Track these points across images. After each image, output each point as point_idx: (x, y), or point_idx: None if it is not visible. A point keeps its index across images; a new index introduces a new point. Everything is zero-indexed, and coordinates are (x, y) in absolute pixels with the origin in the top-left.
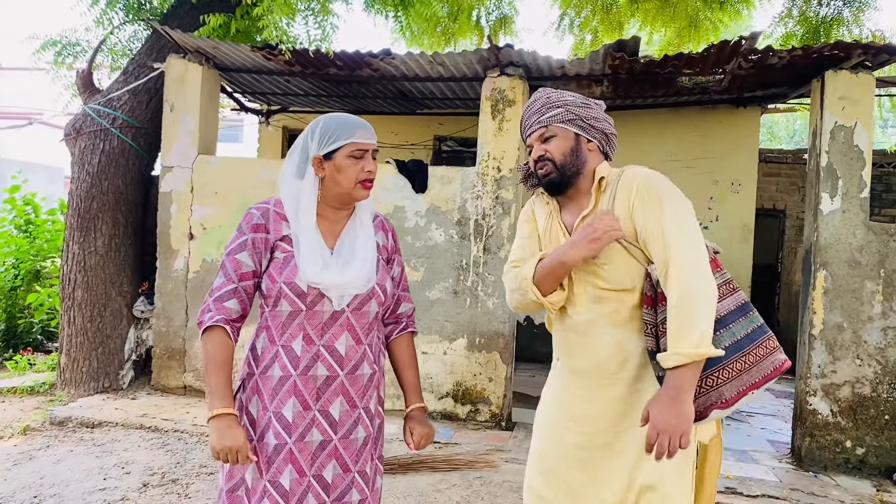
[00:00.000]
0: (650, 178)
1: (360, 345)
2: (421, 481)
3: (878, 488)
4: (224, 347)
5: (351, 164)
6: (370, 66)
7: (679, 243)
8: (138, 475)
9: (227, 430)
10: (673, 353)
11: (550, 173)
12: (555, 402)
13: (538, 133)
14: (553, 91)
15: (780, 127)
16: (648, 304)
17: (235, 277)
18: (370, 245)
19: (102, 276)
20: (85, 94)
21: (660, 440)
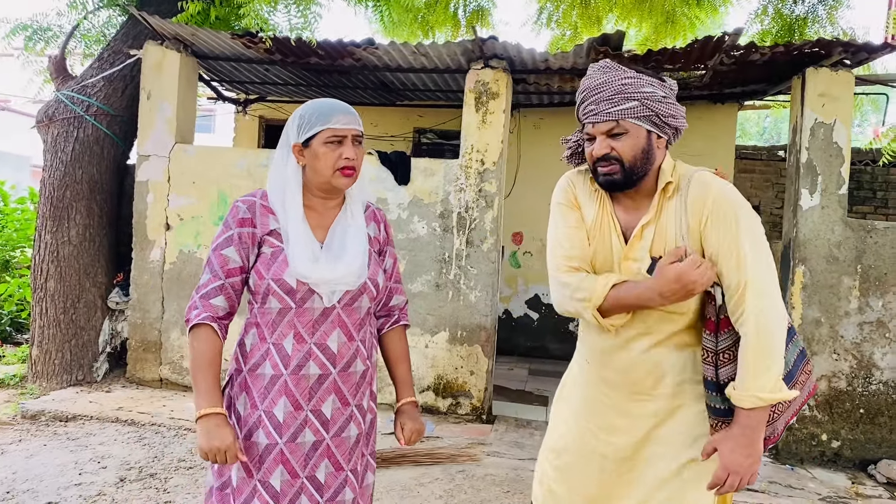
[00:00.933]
0: (726, 192)
1: (352, 341)
2: (403, 475)
3: (853, 481)
4: (211, 346)
5: (328, 151)
6: (352, 55)
7: (756, 266)
8: (115, 470)
9: (216, 430)
10: (751, 394)
11: (615, 174)
12: (584, 403)
13: (606, 127)
14: (627, 74)
15: (750, 124)
16: (710, 329)
17: (222, 274)
18: (361, 238)
19: (76, 267)
20: (58, 81)
21: (730, 480)
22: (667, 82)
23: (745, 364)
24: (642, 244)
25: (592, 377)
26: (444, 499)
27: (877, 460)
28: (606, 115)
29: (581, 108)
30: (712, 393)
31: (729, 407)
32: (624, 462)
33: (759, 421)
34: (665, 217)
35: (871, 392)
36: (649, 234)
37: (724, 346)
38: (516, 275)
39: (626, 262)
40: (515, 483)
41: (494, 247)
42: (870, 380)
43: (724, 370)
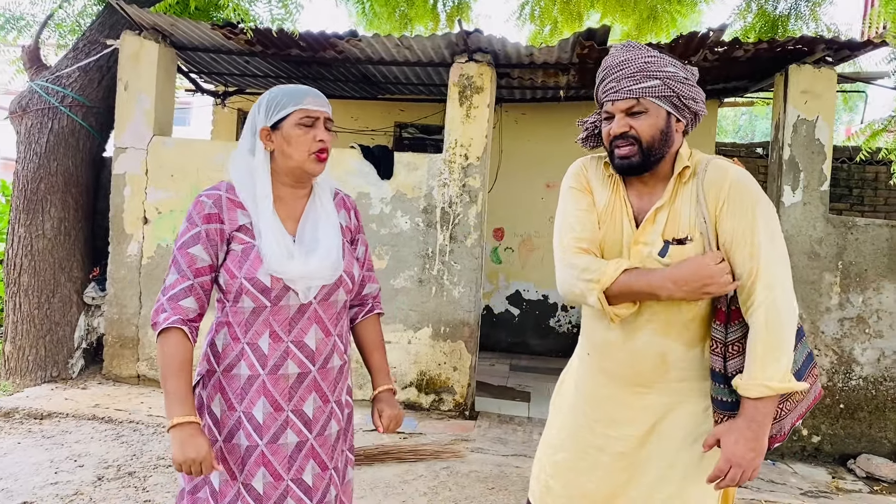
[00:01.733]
0: (744, 180)
1: (329, 337)
2: (387, 472)
3: (833, 475)
4: (182, 350)
5: (301, 133)
6: (335, 47)
7: (769, 255)
8: (92, 468)
9: (190, 441)
10: (759, 383)
11: (633, 155)
12: (582, 397)
13: (627, 104)
14: (651, 53)
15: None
16: (721, 319)
17: (190, 273)
18: (334, 229)
19: (51, 261)
20: (31, 71)
21: (732, 473)
22: (688, 68)
23: (753, 354)
24: (654, 228)
25: (592, 369)
26: (429, 496)
27: (856, 455)
28: (627, 93)
29: (601, 87)
30: (720, 385)
31: (735, 400)
32: (622, 457)
33: (766, 414)
34: (680, 201)
35: (851, 387)
36: (662, 217)
37: (733, 338)
38: (497, 270)
39: (637, 246)
40: (499, 479)
41: (478, 242)
42: (850, 375)
43: (733, 362)
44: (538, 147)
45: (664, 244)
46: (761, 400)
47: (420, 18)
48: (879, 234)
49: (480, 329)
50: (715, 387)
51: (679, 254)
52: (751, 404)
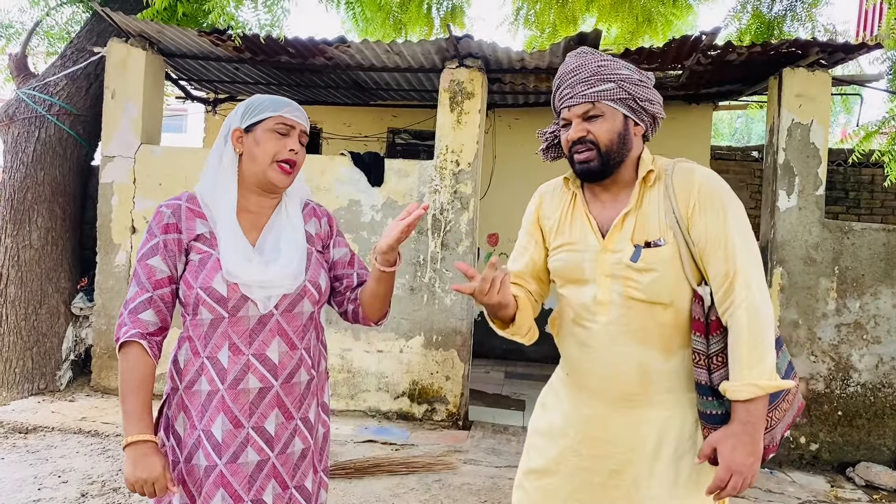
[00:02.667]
0: (714, 180)
1: (294, 350)
2: (378, 486)
3: (831, 484)
4: (140, 365)
5: (271, 139)
6: (324, 53)
7: (744, 255)
8: (76, 484)
9: (143, 460)
10: (747, 383)
11: (592, 160)
12: (562, 418)
13: (582, 109)
14: (604, 58)
15: (723, 124)
16: (699, 331)
17: (150, 285)
18: (298, 239)
19: (38, 272)
20: (18, 79)
21: (733, 481)
22: (643, 72)
23: (738, 356)
24: (623, 234)
25: (573, 389)
26: None
27: (855, 463)
28: (582, 97)
29: (557, 95)
30: (707, 398)
31: (724, 412)
32: (612, 476)
33: (759, 416)
34: (647, 205)
35: (848, 394)
36: (630, 223)
37: (715, 350)
38: None
39: (605, 255)
40: (493, 492)
41: (470, 249)
42: (848, 382)
43: (718, 374)
44: (532, 152)
45: (635, 248)
46: (753, 402)
47: (413, 23)
48: (876, 238)
49: (474, 336)
50: (702, 400)
51: (653, 257)
52: (742, 407)
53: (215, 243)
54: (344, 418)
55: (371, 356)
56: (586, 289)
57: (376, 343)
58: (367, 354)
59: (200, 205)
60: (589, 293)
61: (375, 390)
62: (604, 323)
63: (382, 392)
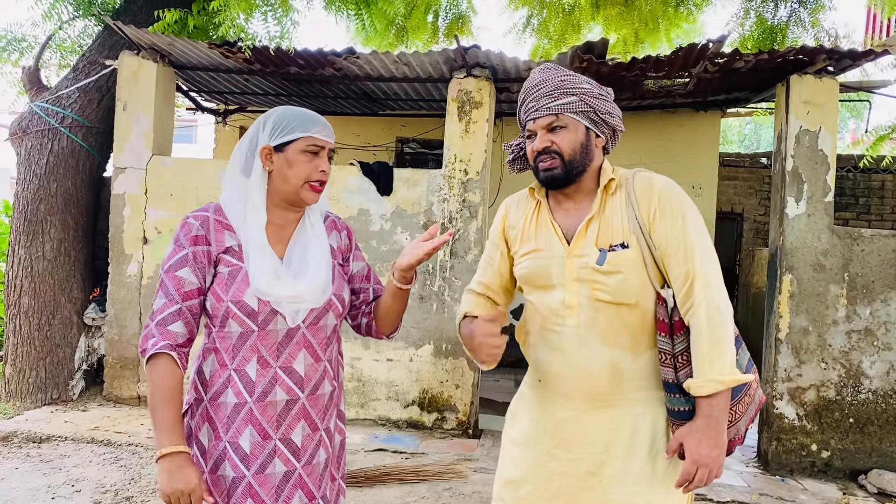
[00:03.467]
0: (671, 187)
1: (319, 362)
2: (389, 494)
3: (843, 491)
4: (171, 377)
5: (304, 160)
6: (333, 65)
7: (703, 257)
8: (89, 493)
9: (179, 472)
10: (709, 379)
11: (555, 168)
12: (535, 425)
13: (546, 121)
14: (566, 73)
15: (732, 131)
16: (664, 331)
17: (178, 297)
18: (323, 252)
19: (51, 283)
20: (32, 92)
21: (699, 474)
22: (603, 87)
23: (699, 353)
24: (587, 240)
25: (547, 395)
26: None
27: (867, 470)
28: (547, 110)
29: (523, 108)
30: (674, 395)
31: (691, 408)
32: (588, 478)
33: (722, 410)
34: (610, 211)
35: (860, 401)
36: (594, 228)
37: (680, 349)
38: None
39: (571, 259)
40: None
41: (479, 258)
42: (859, 389)
43: (684, 372)
44: None
45: (601, 252)
46: (715, 396)
47: (417, 32)
48: (886, 244)
49: None
50: (670, 397)
51: (618, 260)
52: (706, 402)
53: (243, 256)
54: (354, 427)
55: (381, 365)
56: (554, 293)
57: (386, 352)
58: (377, 363)
59: (228, 217)
60: (557, 297)
61: (385, 399)
62: (573, 326)
63: (392, 401)
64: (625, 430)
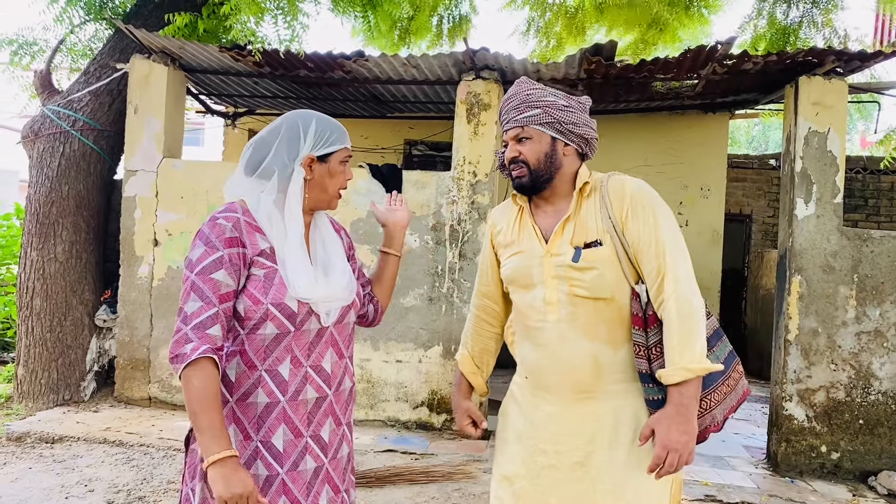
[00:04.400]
0: (643, 188)
1: (342, 359)
2: (399, 494)
3: (853, 493)
4: (214, 382)
5: (342, 171)
6: (342, 67)
7: (673, 253)
8: (102, 493)
9: (234, 476)
10: (678, 367)
11: (523, 176)
12: (524, 421)
13: (514, 133)
14: (533, 86)
15: (740, 132)
16: (638, 325)
17: (216, 300)
18: (340, 250)
19: (63, 284)
20: (43, 95)
21: (669, 459)
22: (579, 98)
23: (670, 344)
24: (563, 239)
25: (532, 390)
26: None
27: (877, 472)
28: (514, 122)
29: (501, 122)
30: (648, 385)
31: (663, 397)
32: (575, 468)
33: (691, 397)
34: (585, 212)
35: (870, 402)
36: (570, 228)
37: (654, 341)
38: None
39: (549, 258)
40: None
41: None
42: (868, 390)
43: (657, 363)
44: None
45: (576, 250)
46: (684, 384)
47: (421, 33)
48: (895, 246)
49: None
50: (645, 387)
51: (592, 257)
52: (675, 390)
53: (276, 259)
54: (363, 428)
55: (390, 366)
56: (535, 291)
57: (395, 353)
58: (387, 364)
59: (257, 219)
60: (538, 295)
61: (394, 400)
62: (554, 321)
63: (401, 402)
64: (607, 421)
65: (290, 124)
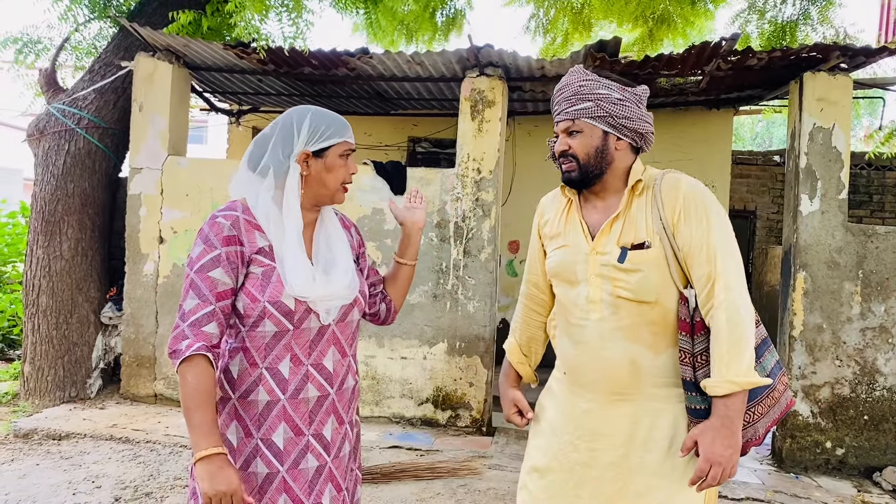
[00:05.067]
0: (697, 189)
1: (345, 357)
2: (404, 490)
3: (858, 489)
4: (207, 379)
5: (341, 165)
6: (346, 65)
7: (725, 260)
8: (109, 489)
9: (220, 473)
10: (725, 380)
11: (572, 171)
12: (563, 417)
13: (564, 125)
14: (587, 77)
15: (744, 129)
16: (685, 330)
17: (212, 298)
18: (345, 247)
19: (68, 282)
20: (48, 94)
21: (712, 472)
22: (634, 88)
23: (717, 354)
24: (610, 237)
25: (569, 386)
26: None
27: (882, 467)
28: (565, 115)
29: (552, 110)
30: (691, 393)
31: (707, 407)
32: (611, 467)
33: (737, 410)
34: (635, 210)
35: (874, 398)
36: (618, 226)
37: (700, 349)
38: (513, 283)
39: (594, 255)
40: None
41: (492, 256)
42: (873, 386)
43: (702, 371)
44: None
45: (622, 251)
46: (730, 397)
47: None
48: None
49: (497, 343)
50: (688, 396)
51: (639, 258)
52: (721, 402)
53: (275, 257)
54: (369, 424)
55: (395, 363)
56: (578, 288)
57: (400, 350)
58: (391, 361)
59: (256, 217)
60: (581, 293)
61: (399, 397)
62: (596, 320)
63: (406, 398)
64: (644, 423)
65: (286, 121)
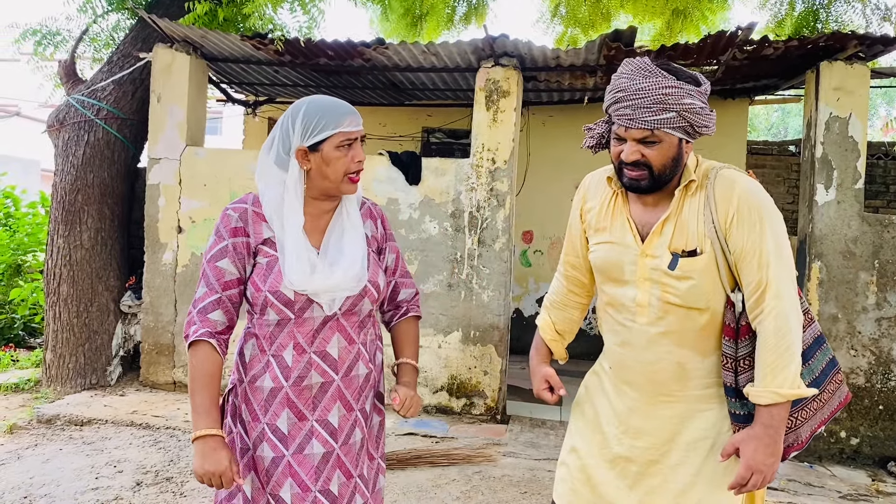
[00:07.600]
0: (752, 191)
1: (353, 345)
2: (420, 476)
3: (873, 478)
4: (209, 363)
5: (340, 156)
6: (362, 55)
7: (777, 267)
8: (131, 474)
9: (211, 454)
10: (769, 391)
11: (643, 179)
12: (605, 408)
13: (641, 134)
14: (669, 83)
15: (759, 119)
16: (729, 335)
17: (219, 287)
18: (359, 240)
19: (88, 271)
20: (68, 85)
21: (753, 479)
22: (702, 85)
23: (763, 362)
24: (661, 240)
25: (614, 382)
26: (462, 500)
27: None
28: (643, 124)
29: (614, 108)
30: (732, 399)
31: (748, 412)
32: (650, 465)
33: (780, 419)
34: (686, 213)
35: (889, 388)
36: (669, 229)
37: (743, 353)
38: (527, 273)
39: (644, 259)
40: (532, 483)
41: (506, 246)
42: (889, 376)
43: (743, 377)
44: (566, 149)
45: (673, 257)
46: (774, 406)
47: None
48: None
49: (511, 332)
50: (728, 401)
51: (690, 266)
52: (765, 411)
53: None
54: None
55: None
56: (627, 289)
57: None
58: None
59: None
60: (628, 294)
61: None
62: (643, 324)
63: (422, 387)
64: (689, 424)
65: (284, 117)
